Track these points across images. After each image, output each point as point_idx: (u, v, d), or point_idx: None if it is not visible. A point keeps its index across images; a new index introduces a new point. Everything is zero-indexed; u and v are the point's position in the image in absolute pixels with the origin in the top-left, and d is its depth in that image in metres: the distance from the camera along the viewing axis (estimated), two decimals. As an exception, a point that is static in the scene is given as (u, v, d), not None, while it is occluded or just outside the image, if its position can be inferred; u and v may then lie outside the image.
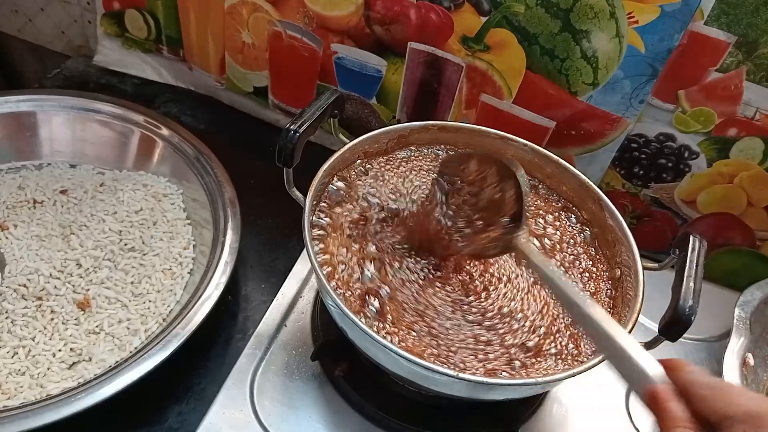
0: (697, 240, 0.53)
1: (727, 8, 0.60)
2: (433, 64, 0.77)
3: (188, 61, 0.95)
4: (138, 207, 0.74)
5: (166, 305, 0.66)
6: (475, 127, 0.67)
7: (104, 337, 0.62)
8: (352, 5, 0.75)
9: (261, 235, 0.79)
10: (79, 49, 1.04)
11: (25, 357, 0.59)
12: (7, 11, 1.04)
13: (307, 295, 0.71)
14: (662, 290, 0.53)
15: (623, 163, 0.76)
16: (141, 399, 0.58)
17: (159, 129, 0.79)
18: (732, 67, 0.64)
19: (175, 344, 0.57)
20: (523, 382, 0.49)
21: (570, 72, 0.69)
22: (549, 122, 0.75)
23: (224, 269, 0.64)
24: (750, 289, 0.71)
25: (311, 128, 0.55)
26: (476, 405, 0.62)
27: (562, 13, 0.65)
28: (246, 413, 0.59)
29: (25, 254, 0.67)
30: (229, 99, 0.97)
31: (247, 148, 0.91)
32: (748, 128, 0.68)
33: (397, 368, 0.52)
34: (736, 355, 0.65)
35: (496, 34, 0.70)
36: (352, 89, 0.84)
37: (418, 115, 0.83)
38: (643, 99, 0.68)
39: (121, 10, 0.93)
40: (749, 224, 0.75)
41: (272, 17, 0.82)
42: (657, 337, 0.50)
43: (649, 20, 0.62)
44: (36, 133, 0.79)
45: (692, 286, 0.49)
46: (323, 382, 0.63)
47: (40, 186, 0.75)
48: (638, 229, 0.80)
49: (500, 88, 0.74)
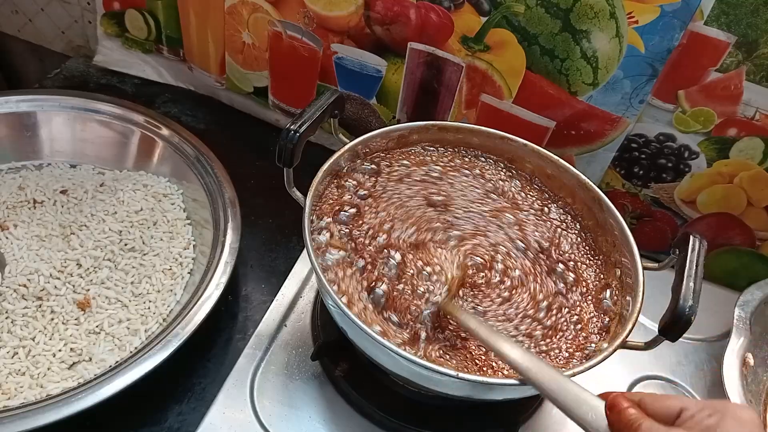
0: (697, 240, 0.53)
1: (727, 8, 0.60)
2: (433, 64, 0.77)
3: (188, 61, 0.95)
4: (138, 207, 0.74)
5: (166, 305, 0.66)
6: (475, 127, 0.67)
7: (104, 337, 0.62)
8: (352, 5, 0.75)
9: (261, 235, 0.79)
10: (79, 50, 1.04)
11: (25, 357, 0.59)
12: (7, 11, 1.04)
13: (307, 295, 0.71)
14: (662, 290, 0.53)
15: (623, 163, 0.76)
16: (141, 399, 0.58)
17: (159, 129, 0.79)
18: (732, 67, 0.64)
19: (175, 344, 0.57)
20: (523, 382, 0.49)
21: (570, 72, 0.69)
22: (549, 122, 0.75)
23: (224, 269, 0.64)
24: (750, 289, 0.71)
25: (311, 128, 0.55)
26: (476, 405, 0.62)
27: (562, 13, 0.65)
28: (246, 413, 0.59)
29: (25, 254, 0.67)
30: (229, 99, 0.97)
31: (247, 148, 0.91)
32: (748, 128, 0.68)
33: (397, 368, 0.52)
34: (736, 355, 0.65)
35: (496, 34, 0.70)
36: (352, 89, 0.84)
37: (418, 115, 0.83)
38: (643, 99, 0.68)
39: (121, 10, 0.93)
40: (749, 224, 0.75)
41: (272, 17, 0.82)
42: (657, 337, 0.50)
43: (649, 20, 0.62)
44: (36, 133, 0.79)
45: (692, 286, 0.49)
46: (323, 382, 0.63)
47: (40, 186, 0.75)
48: (638, 229, 0.80)
49: (500, 88, 0.74)
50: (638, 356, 0.55)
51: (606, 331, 0.55)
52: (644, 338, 0.51)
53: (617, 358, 0.49)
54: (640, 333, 0.52)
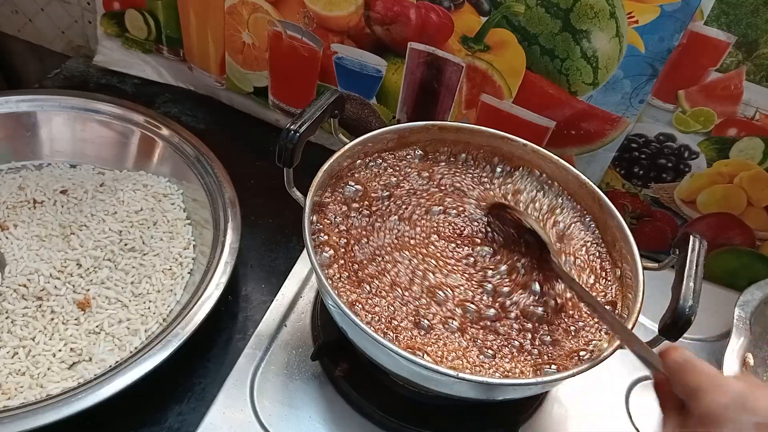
0: (697, 240, 0.53)
1: (727, 8, 0.60)
2: (433, 64, 0.77)
3: (188, 61, 0.95)
4: (138, 207, 0.74)
5: (166, 305, 0.66)
6: (475, 127, 0.67)
7: (104, 337, 0.62)
8: (352, 5, 0.75)
9: (261, 235, 0.79)
10: (79, 49, 1.04)
11: (25, 357, 0.59)
12: (7, 11, 1.04)
13: (307, 295, 0.71)
14: (662, 290, 0.53)
15: (623, 163, 0.76)
16: (141, 399, 0.58)
17: (159, 129, 0.79)
18: (732, 67, 0.64)
19: (175, 344, 0.57)
20: (523, 382, 0.50)
21: (570, 72, 0.69)
22: (549, 122, 0.75)
23: (224, 269, 0.64)
24: (750, 289, 0.71)
25: (311, 128, 0.55)
26: (476, 405, 0.62)
27: (562, 13, 0.65)
28: (246, 413, 0.59)
29: (25, 254, 0.67)
30: (229, 99, 0.97)
31: (247, 148, 0.91)
32: (748, 128, 0.68)
33: (398, 368, 0.52)
34: (736, 355, 0.65)
35: (496, 34, 0.70)
36: (352, 89, 0.84)
37: (418, 115, 0.83)
38: (643, 99, 0.68)
39: (121, 10, 0.93)
40: (749, 224, 0.75)
41: (272, 17, 0.82)
42: (657, 337, 0.50)
43: (649, 20, 0.62)
44: (36, 133, 0.79)
45: (692, 286, 0.49)
46: (323, 382, 0.63)
47: (40, 186, 0.75)
48: (638, 229, 0.80)
49: (500, 88, 0.74)
50: (638, 356, 0.55)
51: (606, 331, 0.55)
52: (644, 338, 0.51)
53: (617, 359, 0.49)
54: (640, 333, 0.52)
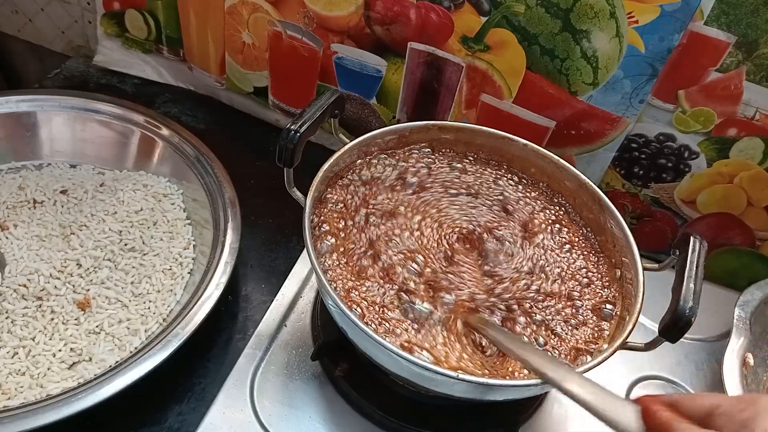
0: (697, 240, 0.53)
1: (727, 8, 0.60)
2: (433, 64, 0.77)
3: (188, 61, 0.95)
4: (138, 207, 0.74)
5: (166, 305, 0.66)
6: (475, 127, 0.67)
7: (104, 337, 0.62)
8: (352, 5, 0.75)
9: (261, 235, 0.79)
10: (79, 50, 1.04)
11: (25, 357, 0.59)
12: (7, 11, 1.04)
13: (307, 295, 0.71)
14: (662, 290, 0.53)
15: (623, 163, 0.76)
16: (141, 399, 0.58)
17: (159, 129, 0.79)
18: (732, 67, 0.64)
19: (175, 344, 0.57)
20: (523, 383, 0.49)
21: (570, 72, 0.69)
22: (549, 122, 0.74)
23: (224, 269, 0.64)
24: (750, 289, 0.71)
25: (311, 128, 0.55)
26: (476, 405, 0.62)
27: (562, 13, 0.65)
28: (246, 413, 0.59)
29: (25, 254, 0.67)
30: (229, 99, 0.97)
31: (247, 148, 0.91)
32: (748, 128, 0.68)
33: (398, 368, 0.52)
34: (736, 355, 0.65)
35: (496, 34, 0.70)
36: (352, 89, 0.84)
37: (418, 115, 0.83)
38: (643, 99, 0.68)
39: (121, 10, 0.93)
40: (749, 224, 0.75)
41: (272, 17, 0.82)
42: (657, 338, 0.50)
43: (649, 20, 0.62)
44: (36, 133, 0.79)
45: (692, 287, 0.49)
46: (323, 382, 0.63)
47: (40, 186, 0.75)
48: (638, 229, 0.80)
49: (500, 88, 0.74)
50: (638, 356, 0.55)
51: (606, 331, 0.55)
52: (644, 339, 0.51)
53: (617, 359, 0.49)
54: (641, 333, 0.52)
